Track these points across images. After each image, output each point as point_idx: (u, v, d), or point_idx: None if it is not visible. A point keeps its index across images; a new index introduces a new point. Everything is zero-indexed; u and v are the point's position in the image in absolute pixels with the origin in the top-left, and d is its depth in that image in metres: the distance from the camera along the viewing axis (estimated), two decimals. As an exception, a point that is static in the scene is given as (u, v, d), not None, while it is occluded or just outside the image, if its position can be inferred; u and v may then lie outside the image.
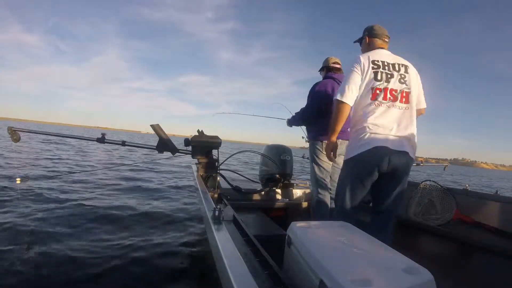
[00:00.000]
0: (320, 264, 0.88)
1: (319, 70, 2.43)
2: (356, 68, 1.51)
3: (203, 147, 2.21)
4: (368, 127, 1.47)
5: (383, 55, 1.59)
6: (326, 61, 2.35)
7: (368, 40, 1.68)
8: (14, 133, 2.16)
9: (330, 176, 2.22)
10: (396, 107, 1.51)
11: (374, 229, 1.48)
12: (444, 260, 1.93)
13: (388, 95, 1.50)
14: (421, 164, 3.35)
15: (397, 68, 1.55)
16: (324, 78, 2.30)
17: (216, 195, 2.00)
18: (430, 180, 2.49)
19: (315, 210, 2.16)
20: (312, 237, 1.07)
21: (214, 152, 2.27)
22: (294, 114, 2.44)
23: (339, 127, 1.52)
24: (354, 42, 1.82)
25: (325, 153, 1.98)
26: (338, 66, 2.30)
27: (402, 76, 1.54)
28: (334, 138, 1.55)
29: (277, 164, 2.60)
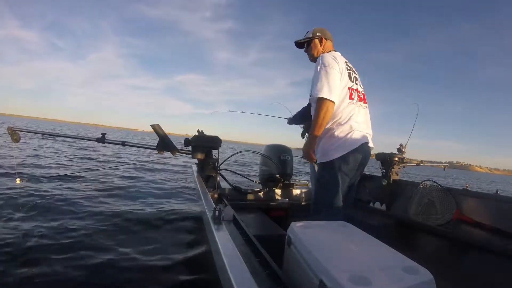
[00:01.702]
0: (320, 264, 0.88)
1: None
2: (336, 67, 1.51)
3: (203, 147, 2.21)
4: (352, 125, 1.54)
5: (343, 58, 1.65)
6: None
7: (323, 41, 1.70)
8: (14, 133, 2.16)
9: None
10: (363, 107, 1.64)
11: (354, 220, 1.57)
12: (444, 260, 1.93)
13: (357, 96, 1.61)
14: (421, 164, 3.35)
15: (355, 71, 1.66)
16: None
17: (216, 195, 2.00)
18: (430, 180, 2.49)
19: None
20: (312, 237, 1.07)
21: (214, 152, 2.27)
22: (295, 113, 2.44)
23: (324, 127, 1.51)
24: (301, 41, 1.75)
25: None
26: None
27: (359, 79, 1.67)
28: (318, 137, 1.55)
29: (277, 164, 2.60)
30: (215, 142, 2.21)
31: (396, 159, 2.83)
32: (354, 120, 1.56)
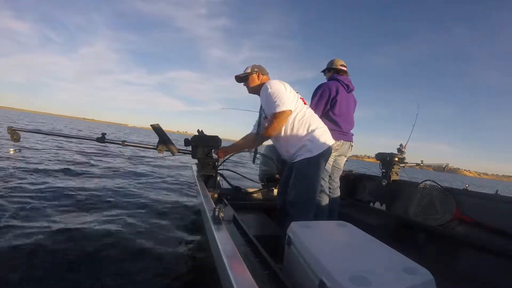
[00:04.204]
0: (320, 264, 0.88)
1: (322, 71, 2.45)
2: (282, 86, 1.74)
3: (203, 147, 2.21)
4: (323, 126, 1.82)
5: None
6: (333, 63, 2.36)
7: (260, 76, 1.94)
8: (14, 133, 2.16)
9: (330, 176, 2.22)
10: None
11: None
12: (444, 260, 1.93)
13: (303, 101, 1.88)
14: (421, 164, 3.35)
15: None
16: (330, 79, 2.31)
17: (216, 195, 2.00)
18: (430, 180, 2.50)
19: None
20: (312, 237, 1.07)
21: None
22: None
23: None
24: (241, 75, 1.96)
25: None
26: (344, 68, 2.32)
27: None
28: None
29: (277, 164, 2.60)
30: (215, 141, 2.21)
31: (396, 159, 2.84)
32: (320, 120, 1.82)
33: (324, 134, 1.76)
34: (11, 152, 2.16)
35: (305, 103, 1.85)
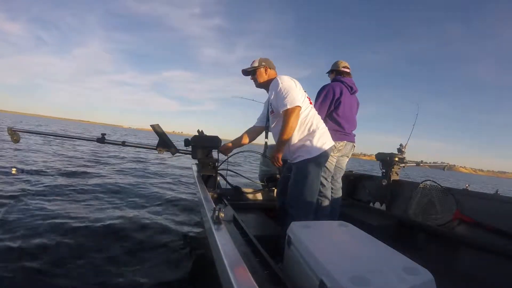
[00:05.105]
0: (320, 264, 0.88)
1: (327, 72, 2.46)
2: (292, 83, 1.74)
3: (203, 147, 2.21)
4: (323, 126, 1.83)
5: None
6: (336, 64, 2.37)
7: (268, 70, 1.93)
8: (14, 134, 2.16)
9: (332, 176, 2.23)
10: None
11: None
12: (444, 260, 1.93)
13: (309, 101, 1.89)
14: (421, 164, 3.35)
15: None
16: (333, 80, 2.32)
17: (216, 195, 2.00)
18: (430, 180, 2.50)
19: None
20: (312, 237, 1.07)
21: (214, 152, 2.27)
22: None
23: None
24: (248, 69, 1.93)
25: (332, 154, 2.08)
26: (347, 70, 2.33)
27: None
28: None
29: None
30: (215, 142, 2.21)
31: (396, 159, 2.84)
32: (321, 121, 1.84)
33: (324, 135, 1.76)
34: (13, 172, 2.15)
35: (310, 103, 1.85)
